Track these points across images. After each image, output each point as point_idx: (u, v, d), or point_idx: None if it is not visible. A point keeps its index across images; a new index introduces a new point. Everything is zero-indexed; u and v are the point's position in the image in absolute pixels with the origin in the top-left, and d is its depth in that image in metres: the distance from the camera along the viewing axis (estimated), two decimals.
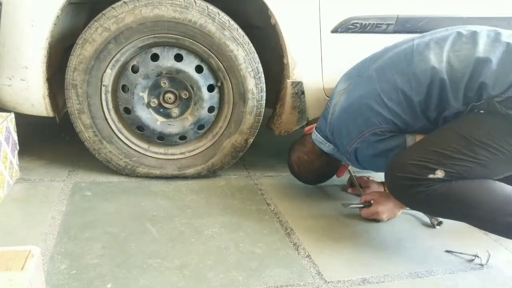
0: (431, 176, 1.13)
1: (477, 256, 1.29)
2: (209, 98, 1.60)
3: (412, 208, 1.33)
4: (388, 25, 1.60)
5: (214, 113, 1.64)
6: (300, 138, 1.61)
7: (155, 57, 1.54)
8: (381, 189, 1.65)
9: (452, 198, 1.14)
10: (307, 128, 1.62)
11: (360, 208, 1.51)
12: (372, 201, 1.49)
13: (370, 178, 1.72)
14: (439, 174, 1.13)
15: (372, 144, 1.27)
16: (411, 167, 1.15)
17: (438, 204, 1.17)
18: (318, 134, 1.49)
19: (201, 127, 1.65)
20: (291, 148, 1.61)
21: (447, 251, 1.33)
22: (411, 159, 1.16)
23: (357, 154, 1.32)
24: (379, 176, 1.77)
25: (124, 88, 1.56)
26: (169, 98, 1.60)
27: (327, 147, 1.46)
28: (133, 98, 1.56)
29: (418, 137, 1.23)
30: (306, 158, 1.54)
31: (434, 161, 1.13)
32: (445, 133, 1.17)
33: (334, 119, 1.37)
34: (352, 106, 1.30)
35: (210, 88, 1.60)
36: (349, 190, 1.71)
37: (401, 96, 1.21)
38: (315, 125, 1.54)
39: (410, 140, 1.24)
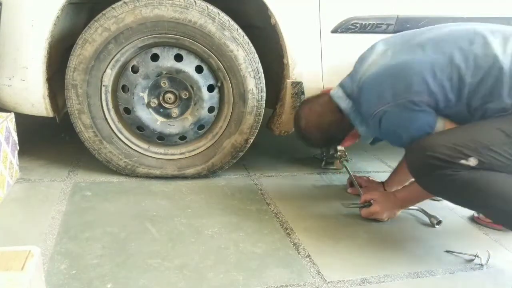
0: (462, 161, 1.11)
1: (477, 256, 1.28)
2: (209, 98, 1.60)
3: (431, 191, 1.27)
4: (388, 25, 1.60)
5: (214, 113, 1.64)
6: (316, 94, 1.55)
7: (155, 57, 1.54)
8: (381, 189, 1.65)
9: (479, 186, 1.12)
10: (324, 89, 1.53)
11: (360, 207, 1.51)
12: (372, 201, 1.49)
13: (370, 178, 1.73)
14: (472, 161, 1.11)
15: (404, 112, 1.21)
16: (445, 148, 1.13)
17: (461, 190, 1.15)
18: (339, 89, 1.41)
19: (201, 127, 1.65)
20: (303, 101, 1.53)
21: (447, 251, 1.33)
22: (447, 141, 1.14)
23: (383, 118, 1.24)
24: (379, 176, 1.77)
25: (124, 88, 1.56)
26: (169, 98, 1.60)
27: (345, 103, 1.38)
28: (133, 98, 1.56)
29: (448, 124, 1.22)
30: (318, 109, 1.45)
31: (470, 148, 1.11)
32: (486, 126, 1.15)
33: (368, 77, 1.28)
34: (395, 68, 1.23)
35: (210, 88, 1.60)
36: (349, 190, 1.71)
37: (454, 72, 1.16)
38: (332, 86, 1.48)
39: (441, 123, 1.22)
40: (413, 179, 1.61)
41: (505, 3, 1.71)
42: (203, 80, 1.57)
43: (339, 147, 1.86)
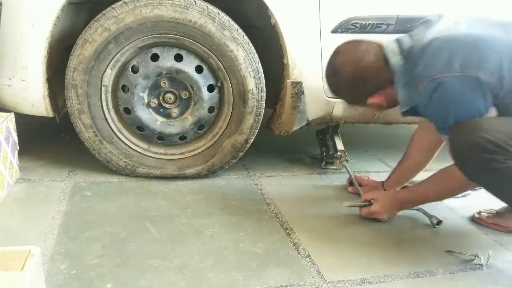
0: None
1: (477, 256, 1.28)
2: (209, 98, 1.60)
3: (471, 175, 1.19)
4: (388, 25, 1.60)
5: (214, 113, 1.64)
6: None
7: (155, 57, 1.54)
8: (381, 188, 1.65)
9: None
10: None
11: (360, 207, 1.51)
12: (372, 201, 1.49)
13: (370, 178, 1.72)
14: None
15: (464, 87, 1.12)
16: (500, 134, 1.08)
17: (504, 180, 1.11)
18: (395, 44, 1.29)
19: (201, 127, 1.65)
20: (352, 40, 1.40)
21: (447, 251, 1.33)
22: (503, 127, 1.10)
23: (439, 88, 1.13)
24: (379, 176, 1.77)
25: (124, 88, 1.56)
26: (169, 98, 1.60)
27: (396, 60, 1.26)
28: (133, 98, 1.56)
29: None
30: (364, 48, 1.31)
31: None
32: None
33: (438, 40, 1.18)
34: (472, 39, 1.15)
35: (210, 88, 1.60)
36: (349, 188, 1.71)
37: None
38: None
39: (492, 113, 1.16)
40: (412, 180, 1.62)
41: (506, 4, 1.71)
42: (203, 80, 1.57)
43: (339, 147, 1.86)
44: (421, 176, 1.59)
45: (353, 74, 1.30)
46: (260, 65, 1.57)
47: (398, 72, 1.27)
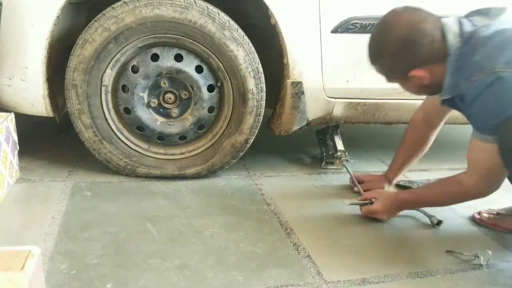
0: None
1: (477, 256, 1.28)
2: (209, 98, 1.60)
3: None
4: None
5: (214, 113, 1.64)
6: None
7: (155, 57, 1.54)
8: (383, 182, 1.65)
9: None
10: None
11: (361, 205, 1.51)
12: (373, 200, 1.49)
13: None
14: None
15: None
16: None
17: None
18: (457, 24, 1.18)
19: (201, 127, 1.65)
20: None
21: (447, 251, 1.33)
22: None
23: (498, 82, 1.04)
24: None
25: (124, 88, 1.56)
26: (169, 98, 1.60)
27: (455, 41, 1.16)
28: (133, 98, 1.56)
29: None
30: (424, 15, 1.19)
31: None
32: None
33: (507, 32, 1.11)
34: None
35: (210, 88, 1.60)
36: (355, 188, 1.69)
37: None
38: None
39: None
40: (413, 180, 1.62)
41: (505, 4, 1.71)
42: (203, 80, 1.57)
43: (339, 147, 1.86)
44: (418, 176, 1.60)
45: (406, 35, 1.17)
46: (260, 65, 1.57)
47: (452, 55, 1.16)
